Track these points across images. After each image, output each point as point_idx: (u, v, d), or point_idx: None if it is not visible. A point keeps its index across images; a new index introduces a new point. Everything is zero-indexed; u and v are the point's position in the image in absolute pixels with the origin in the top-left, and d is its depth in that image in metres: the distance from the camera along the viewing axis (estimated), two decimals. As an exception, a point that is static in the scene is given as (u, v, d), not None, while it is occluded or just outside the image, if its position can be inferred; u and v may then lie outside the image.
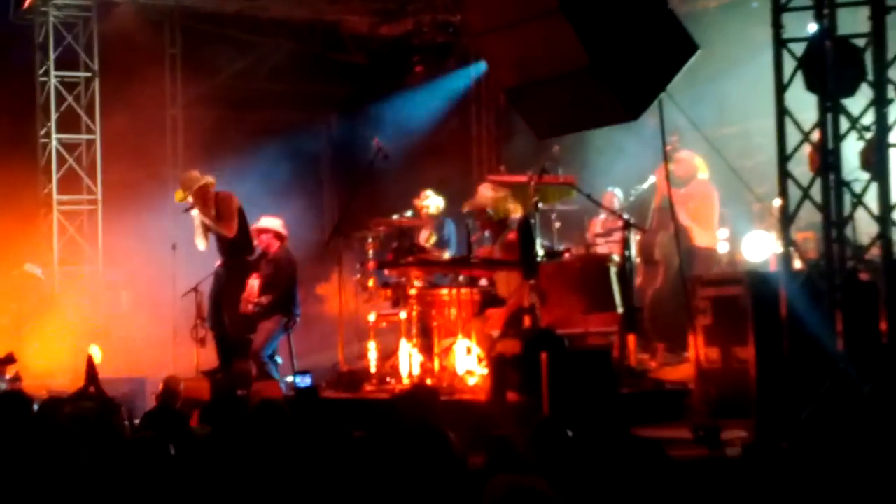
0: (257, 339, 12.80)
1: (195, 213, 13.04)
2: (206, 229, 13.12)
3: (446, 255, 12.90)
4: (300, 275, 13.35)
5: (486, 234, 12.76)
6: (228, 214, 13.04)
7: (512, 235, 11.68)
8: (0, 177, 16.01)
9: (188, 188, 13.06)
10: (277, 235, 13.06)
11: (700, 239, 12.95)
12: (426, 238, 13.67)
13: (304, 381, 10.50)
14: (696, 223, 12.88)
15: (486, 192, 12.51)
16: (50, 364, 15.21)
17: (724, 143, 10.55)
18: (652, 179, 13.24)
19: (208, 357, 13.44)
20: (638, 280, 12.26)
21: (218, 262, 13.32)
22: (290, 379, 12.13)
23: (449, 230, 13.78)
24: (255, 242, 13.21)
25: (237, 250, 13.20)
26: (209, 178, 13.17)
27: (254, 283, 12.97)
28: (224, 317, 13.16)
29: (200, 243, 13.20)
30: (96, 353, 12.69)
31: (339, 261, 12.99)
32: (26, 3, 17.03)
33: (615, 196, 13.90)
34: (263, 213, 13.31)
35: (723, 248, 13.51)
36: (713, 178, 12.97)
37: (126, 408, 9.76)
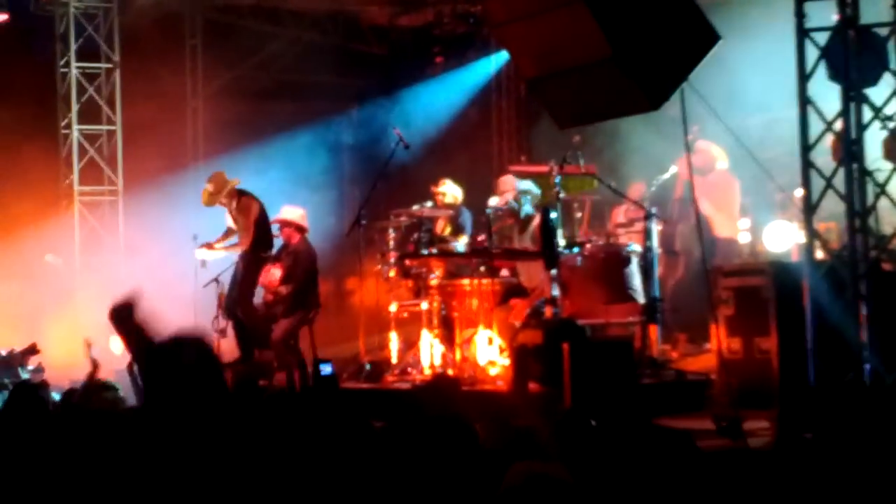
0: (276, 330, 12.81)
1: (207, 254, 13.25)
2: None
3: (461, 240, 12.84)
4: (321, 266, 13.35)
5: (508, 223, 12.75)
6: (245, 227, 13.07)
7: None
8: (21, 168, 16.03)
9: (218, 191, 13.13)
10: (299, 228, 13.08)
11: (721, 229, 12.91)
12: (441, 228, 13.63)
13: (325, 370, 10.50)
14: (718, 213, 12.84)
15: (506, 185, 12.51)
16: (71, 355, 15.21)
17: (745, 133, 10.50)
18: (673, 169, 13.20)
19: (230, 348, 13.45)
20: (659, 271, 12.24)
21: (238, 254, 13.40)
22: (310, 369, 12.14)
23: (464, 219, 13.72)
24: (277, 234, 13.24)
25: (255, 246, 13.23)
26: (235, 180, 13.26)
27: (276, 272, 13.00)
28: (237, 310, 13.19)
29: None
30: (118, 344, 12.69)
31: (359, 251, 13.00)
32: (47, -6, 17.07)
33: (644, 188, 13.83)
34: (285, 204, 13.33)
35: (744, 239, 13.47)
36: (734, 168, 12.92)
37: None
